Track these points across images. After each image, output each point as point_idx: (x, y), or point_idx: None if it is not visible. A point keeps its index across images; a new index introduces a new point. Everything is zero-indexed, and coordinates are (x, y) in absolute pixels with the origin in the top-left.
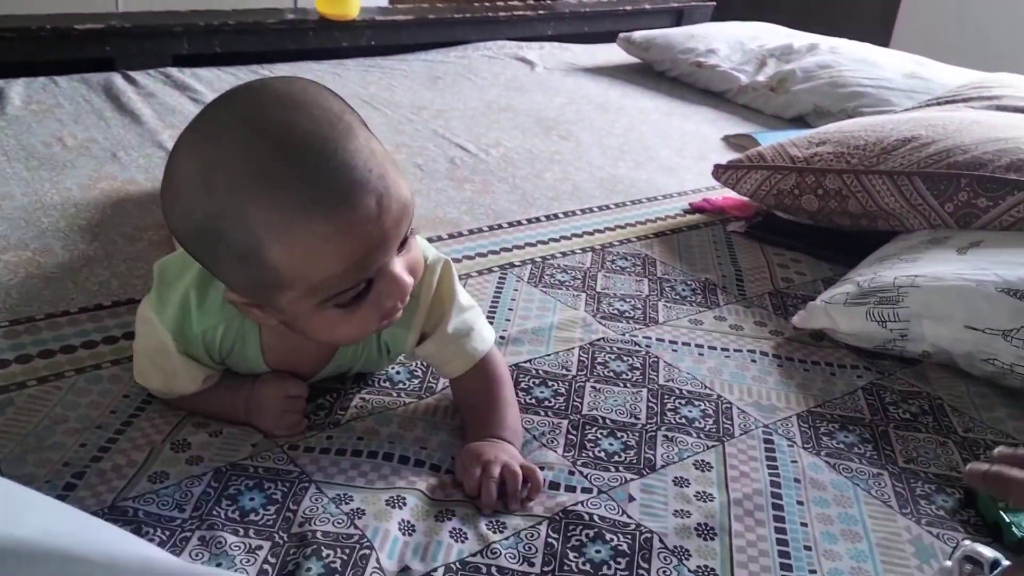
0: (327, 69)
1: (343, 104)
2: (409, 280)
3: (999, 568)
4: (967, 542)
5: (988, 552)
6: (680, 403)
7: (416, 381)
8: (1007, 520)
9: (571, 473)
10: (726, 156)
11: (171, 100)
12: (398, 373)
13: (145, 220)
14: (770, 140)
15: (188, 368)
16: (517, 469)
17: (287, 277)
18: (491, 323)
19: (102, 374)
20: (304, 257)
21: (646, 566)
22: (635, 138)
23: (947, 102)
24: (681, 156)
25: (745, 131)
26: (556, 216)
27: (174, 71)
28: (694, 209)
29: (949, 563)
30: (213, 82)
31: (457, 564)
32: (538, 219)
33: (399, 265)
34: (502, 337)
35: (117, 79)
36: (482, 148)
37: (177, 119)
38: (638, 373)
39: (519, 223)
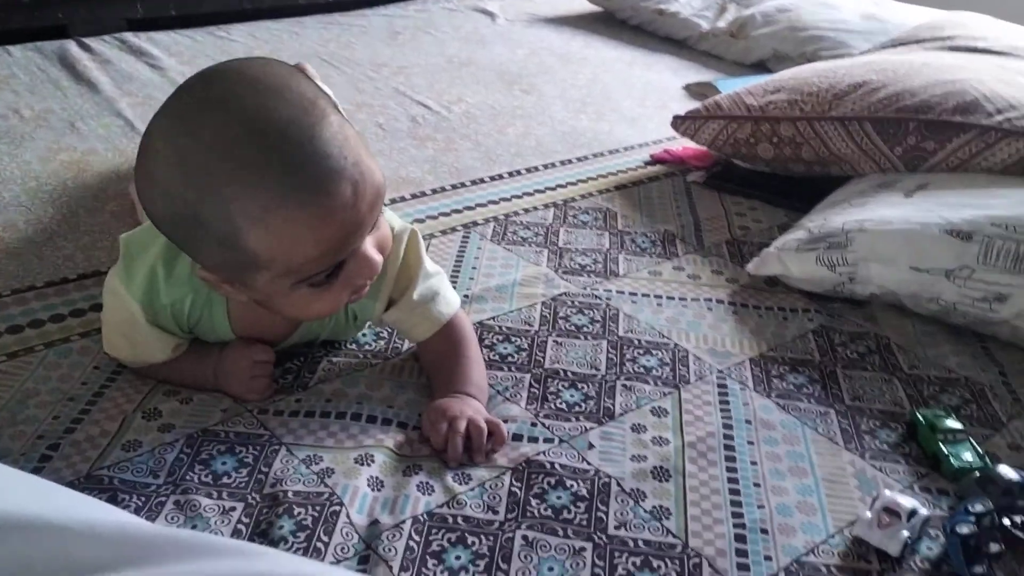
0: (285, 28)
1: (315, 88)
2: (379, 259)
3: (916, 516)
4: (887, 492)
5: (906, 502)
6: (639, 353)
7: (382, 343)
8: (945, 452)
9: (533, 425)
10: (687, 105)
11: (128, 67)
12: (364, 336)
13: (106, 191)
14: (730, 87)
15: (157, 338)
16: (482, 424)
17: (264, 260)
18: (455, 282)
19: (71, 347)
20: (281, 243)
21: (604, 508)
22: (597, 89)
23: (901, 44)
24: (643, 106)
25: (706, 78)
26: (519, 172)
27: (130, 36)
28: (655, 160)
29: (869, 514)
30: (170, 46)
31: (424, 515)
32: (501, 176)
33: (369, 244)
34: (466, 296)
35: (72, 47)
36: (444, 105)
37: (135, 86)
38: (598, 326)
39: (482, 181)
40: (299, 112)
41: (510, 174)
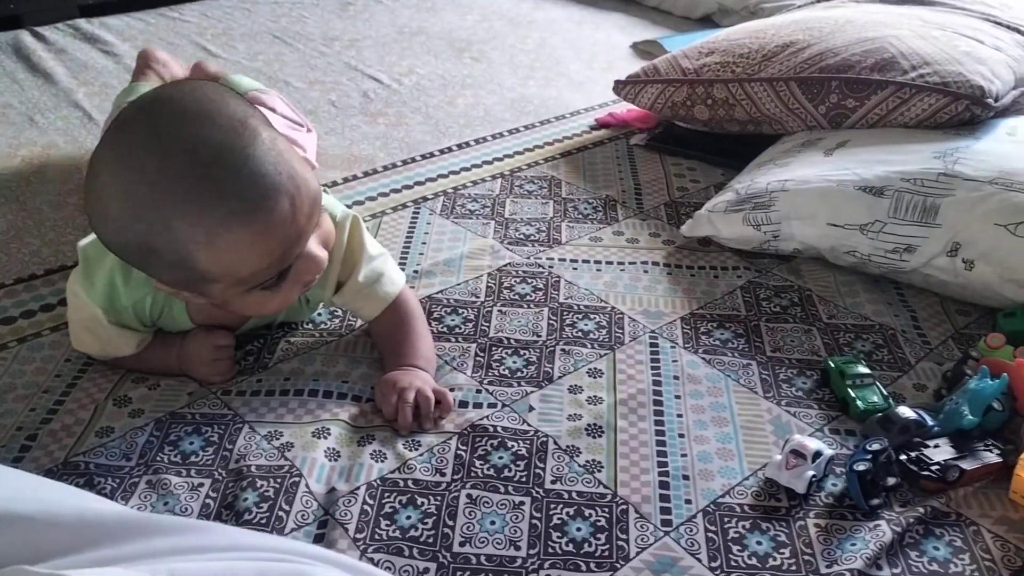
0: (236, 5)
1: (244, 105)
2: (324, 255)
3: (820, 457)
4: (796, 436)
5: (811, 444)
6: (578, 318)
7: (336, 321)
8: (852, 395)
9: (478, 391)
10: (634, 65)
11: (83, 55)
12: (319, 315)
13: (68, 185)
14: (676, 45)
15: (122, 336)
16: (430, 394)
17: (215, 275)
18: (405, 259)
19: (43, 341)
20: (230, 260)
21: (542, 465)
22: (546, 53)
23: None
24: (591, 68)
25: (654, 36)
26: (468, 144)
27: (82, 22)
28: (600, 124)
29: (779, 457)
30: (123, 31)
31: (378, 481)
32: (450, 149)
33: (314, 242)
34: (415, 272)
35: (25, 37)
36: (395, 78)
37: (90, 75)
38: (540, 294)
39: (432, 155)
40: (231, 136)
41: (459, 146)
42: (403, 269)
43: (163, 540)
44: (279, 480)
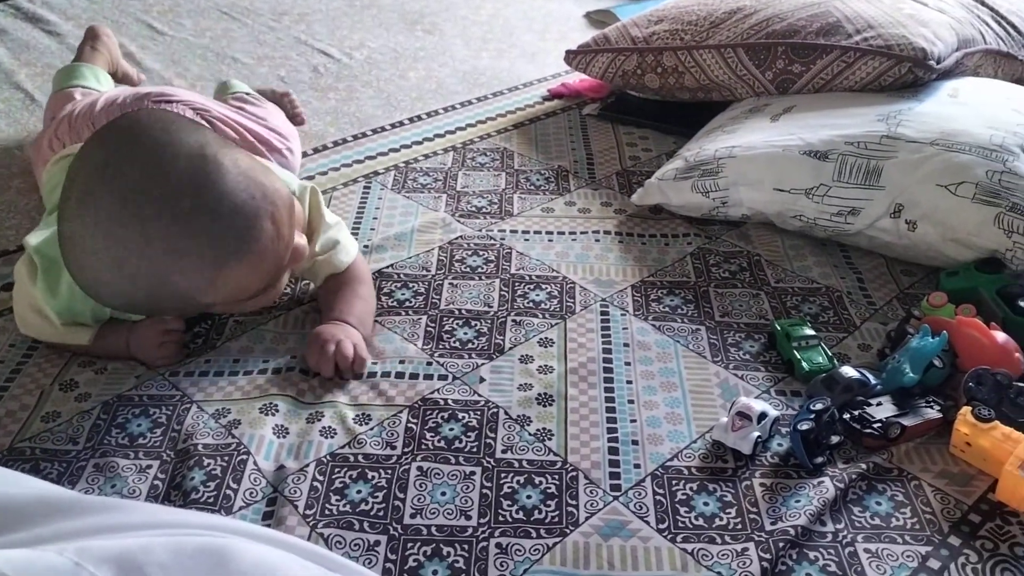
0: None
1: (197, 129)
2: (306, 245)
3: (766, 418)
4: (742, 398)
5: (757, 406)
6: (529, 288)
7: (286, 298)
8: (798, 357)
9: (429, 364)
10: (587, 35)
11: (24, 35)
12: None
13: (11, 168)
14: (629, 13)
15: (75, 333)
16: (349, 351)
17: (219, 303)
18: (356, 234)
19: None
20: (231, 290)
21: (492, 435)
22: (499, 24)
23: None
24: (543, 39)
25: (607, 5)
26: (420, 118)
27: (23, 1)
28: (552, 95)
29: (725, 419)
30: (66, 10)
31: (328, 457)
32: (402, 123)
33: (296, 236)
34: (366, 246)
35: None
36: (346, 52)
37: (32, 55)
38: (492, 265)
39: (383, 129)
40: (198, 177)
41: (411, 120)
42: None
43: (79, 520)
44: (226, 459)
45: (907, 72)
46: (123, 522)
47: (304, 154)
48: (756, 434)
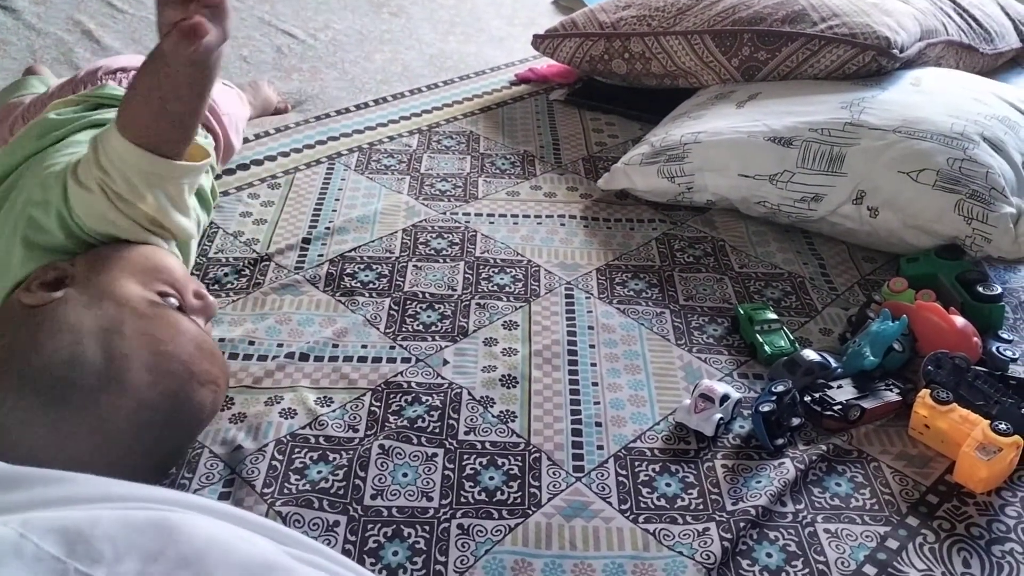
0: None
1: (94, 343)
2: (212, 302)
3: (728, 400)
4: (704, 381)
5: (719, 388)
6: (494, 272)
7: (244, 280)
8: (760, 340)
9: (392, 348)
10: (555, 20)
11: None
12: (226, 275)
13: None
14: (596, 0)
15: None
16: None
17: None
18: (317, 216)
19: None
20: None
21: (456, 416)
22: (466, 9)
23: None
24: (511, 25)
25: None
26: (385, 100)
27: None
28: (520, 80)
29: (688, 401)
30: None
31: (287, 437)
32: (367, 104)
33: (193, 298)
34: (327, 228)
35: None
36: (310, 33)
37: None
38: (457, 248)
39: (347, 111)
40: (175, 387)
41: (376, 102)
42: (315, 227)
43: (28, 492)
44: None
45: (871, 60)
46: (71, 494)
47: (266, 134)
48: (718, 416)
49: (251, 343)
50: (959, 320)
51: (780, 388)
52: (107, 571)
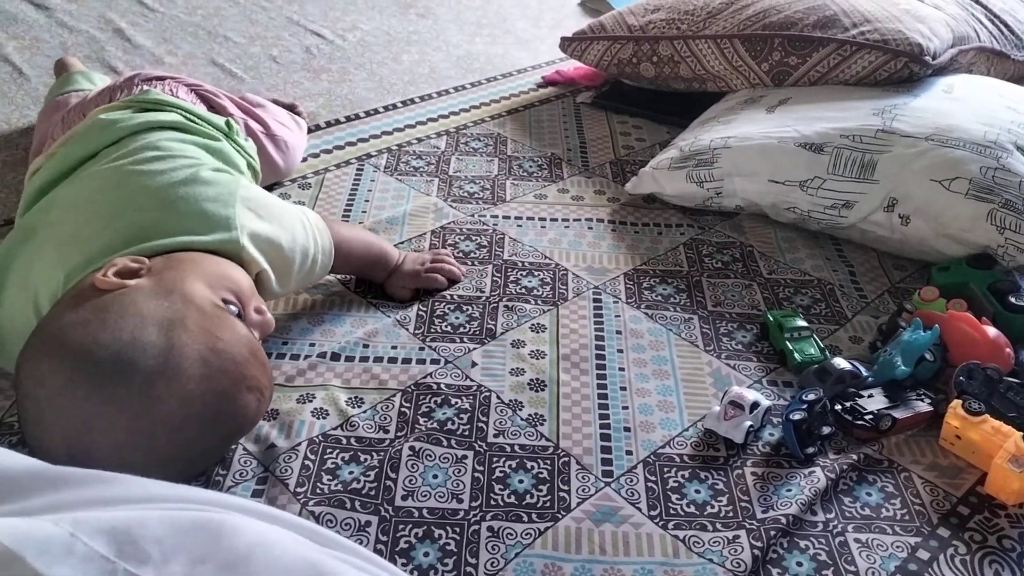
0: None
1: (156, 331)
2: (270, 320)
3: (758, 408)
4: (734, 388)
5: (749, 395)
6: (521, 275)
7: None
8: (790, 348)
9: (421, 348)
10: (581, 23)
11: (12, 7)
12: None
13: None
14: (623, 2)
15: None
16: (439, 256)
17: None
18: (347, 216)
19: None
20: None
21: (485, 419)
22: (493, 10)
23: None
24: (537, 27)
25: None
26: (413, 101)
27: None
28: (547, 82)
29: (718, 408)
30: None
31: (320, 437)
32: (395, 106)
33: (254, 313)
34: None
35: None
36: (339, 33)
37: (20, 28)
38: (485, 251)
39: (376, 112)
40: (231, 392)
41: (404, 103)
42: None
43: (74, 492)
44: None
45: (903, 67)
46: (118, 495)
47: None
48: (748, 423)
49: (284, 343)
50: (991, 330)
51: (811, 396)
52: (155, 572)
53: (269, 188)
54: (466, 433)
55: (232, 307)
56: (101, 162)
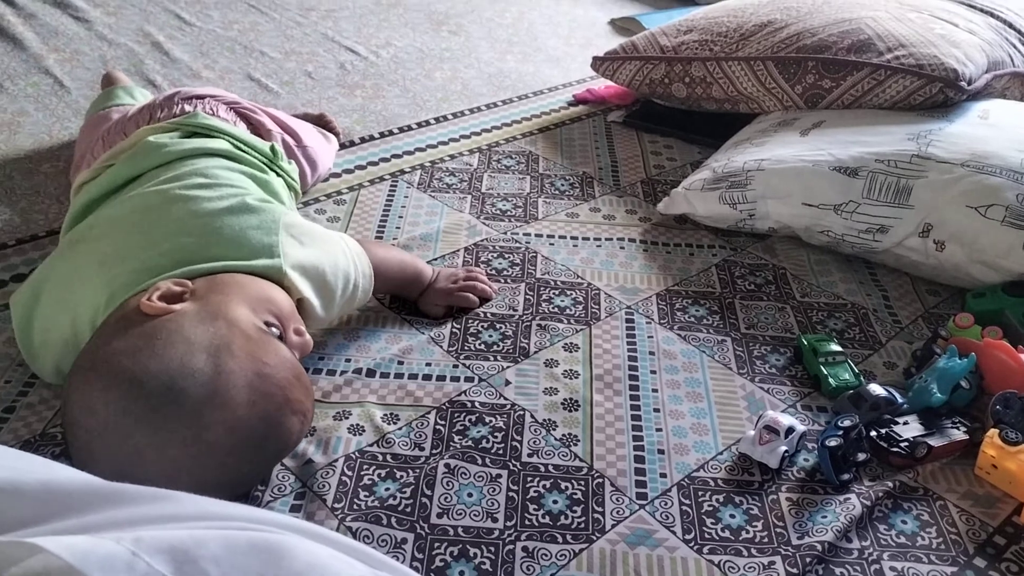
0: None
1: (203, 355)
2: (308, 340)
3: (793, 433)
4: (769, 412)
5: (784, 420)
6: (554, 293)
7: None
8: (825, 373)
9: (455, 366)
10: (612, 42)
11: (53, 20)
12: None
13: (39, 152)
14: (654, 22)
15: None
16: (472, 274)
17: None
18: (381, 233)
19: None
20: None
21: (519, 438)
22: (524, 28)
23: None
24: (568, 45)
25: (632, 12)
26: (445, 118)
27: None
28: (577, 100)
29: (752, 432)
30: None
31: (356, 453)
32: (428, 122)
33: (294, 335)
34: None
35: None
36: (372, 50)
37: (61, 41)
38: (517, 269)
39: (409, 128)
40: (272, 413)
41: (437, 120)
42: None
43: (130, 509)
44: None
45: (938, 92)
46: (172, 512)
47: None
48: (783, 448)
49: (320, 358)
50: None
51: (847, 422)
52: None
53: (307, 203)
54: (500, 452)
55: (274, 329)
56: (147, 184)
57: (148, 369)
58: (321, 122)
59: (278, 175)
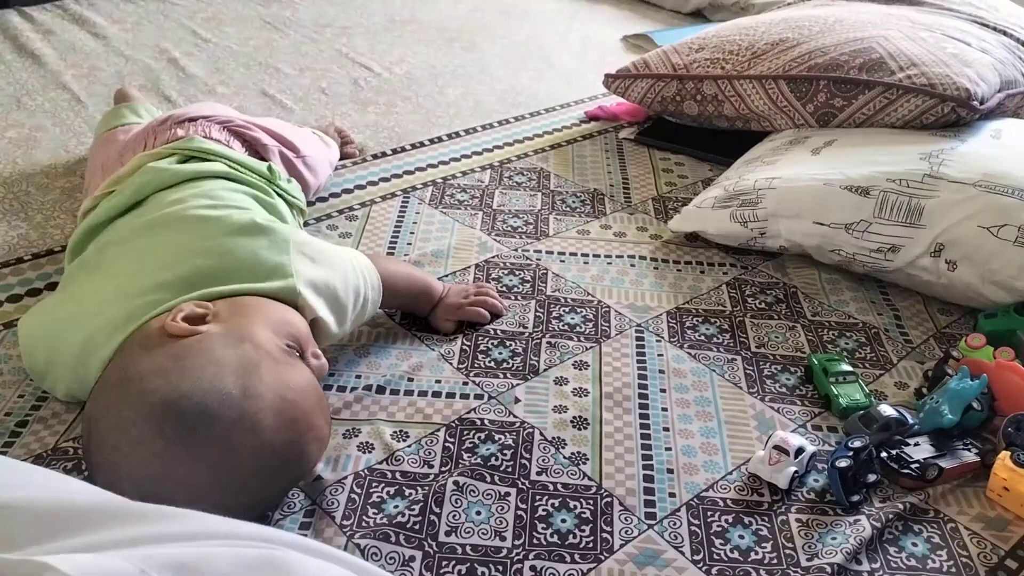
0: None
1: (234, 377)
2: (324, 363)
3: (803, 453)
4: (779, 433)
5: (794, 440)
6: (564, 311)
7: None
8: (835, 392)
9: (465, 383)
10: (624, 59)
11: (71, 36)
12: None
13: (56, 167)
14: (667, 39)
15: None
16: (481, 289)
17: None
18: (393, 248)
19: None
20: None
21: (528, 456)
22: (536, 45)
23: None
24: (581, 62)
25: (645, 29)
26: (457, 135)
27: (71, 4)
28: (589, 117)
29: (762, 452)
30: (112, 12)
31: (365, 471)
32: (440, 139)
33: (311, 358)
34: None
35: (13, 17)
36: (386, 66)
37: (79, 57)
38: (528, 286)
39: (421, 144)
40: (292, 437)
41: (449, 136)
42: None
43: (140, 527)
44: None
45: (950, 111)
46: (179, 531)
47: (343, 165)
48: (793, 469)
49: (331, 374)
50: None
51: (857, 444)
52: None
53: (319, 219)
54: (509, 470)
55: (295, 352)
56: (153, 207)
57: (179, 390)
58: (341, 137)
59: (278, 194)
